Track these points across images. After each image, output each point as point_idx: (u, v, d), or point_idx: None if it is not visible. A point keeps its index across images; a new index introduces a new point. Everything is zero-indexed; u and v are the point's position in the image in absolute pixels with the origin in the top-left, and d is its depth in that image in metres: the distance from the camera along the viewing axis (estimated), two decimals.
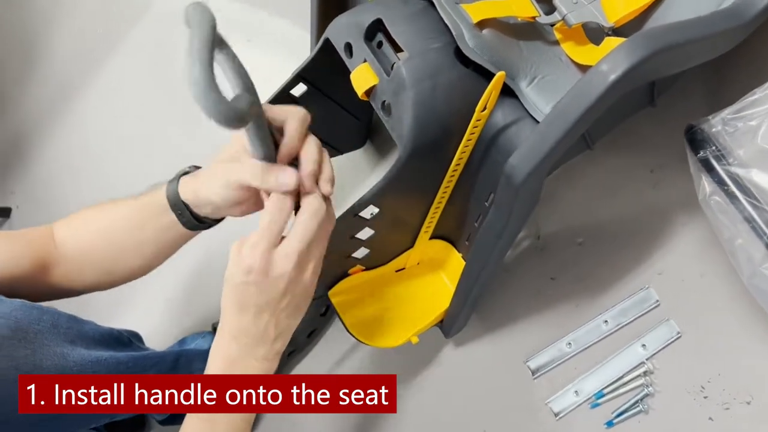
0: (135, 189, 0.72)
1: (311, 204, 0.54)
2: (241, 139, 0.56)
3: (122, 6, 1.33)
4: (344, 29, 0.66)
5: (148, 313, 1.09)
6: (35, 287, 0.67)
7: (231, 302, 0.54)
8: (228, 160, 0.58)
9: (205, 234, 1.07)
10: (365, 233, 0.71)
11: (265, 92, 0.76)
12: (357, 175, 0.97)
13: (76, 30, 1.45)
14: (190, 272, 1.10)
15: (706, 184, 0.59)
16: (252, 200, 0.59)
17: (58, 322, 0.66)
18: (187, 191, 0.62)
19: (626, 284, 0.73)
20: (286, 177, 0.52)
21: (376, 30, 0.64)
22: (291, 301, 0.55)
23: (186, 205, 0.62)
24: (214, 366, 0.56)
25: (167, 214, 0.63)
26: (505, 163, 0.53)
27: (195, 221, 0.63)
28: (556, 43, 0.69)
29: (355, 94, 0.65)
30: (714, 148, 0.57)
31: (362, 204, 0.66)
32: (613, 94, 0.46)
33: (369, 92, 0.65)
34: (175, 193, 0.62)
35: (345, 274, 0.78)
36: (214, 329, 0.58)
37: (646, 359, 0.73)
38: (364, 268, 0.78)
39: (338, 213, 0.63)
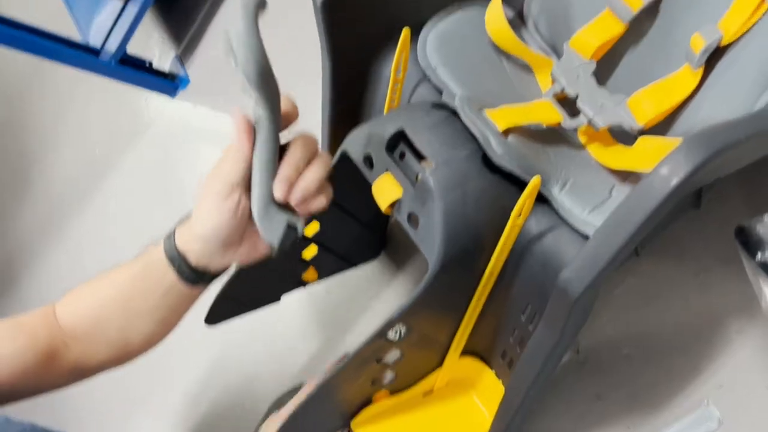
0: None
1: None
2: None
3: (121, 128, 1.33)
4: (363, 141, 0.64)
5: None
6: (43, 380, 0.61)
7: None
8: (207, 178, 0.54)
9: (204, 348, 1.01)
10: (392, 356, 0.66)
11: None
12: (371, 288, 0.92)
13: (73, 153, 1.45)
14: (191, 388, 1.03)
15: (767, 290, 0.54)
16: (248, 237, 0.55)
17: None
18: (181, 237, 0.57)
19: (683, 400, 0.67)
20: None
21: (398, 141, 0.62)
22: None
23: (183, 257, 0.57)
24: None
25: (168, 273, 0.57)
26: (555, 275, 0.48)
27: (193, 274, 0.57)
28: (583, 146, 0.67)
29: (370, 205, 0.62)
30: None
31: (391, 323, 0.61)
32: (674, 198, 0.43)
33: (392, 205, 0.61)
34: (172, 245, 0.57)
35: (368, 401, 0.72)
36: None
37: None
38: (388, 392, 0.72)
39: (356, 330, 0.59)
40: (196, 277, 0.58)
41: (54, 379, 0.62)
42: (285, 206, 0.53)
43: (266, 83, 0.49)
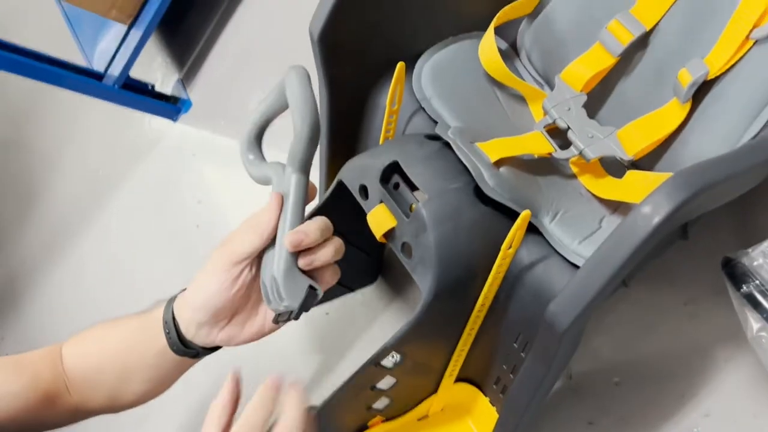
0: None
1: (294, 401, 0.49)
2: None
3: (123, 150, 1.35)
4: (359, 172, 0.65)
5: None
6: (44, 419, 0.62)
7: None
8: (217, 249, 0.55)
9: (201, 380, 1.02)
10: (386, 382, 0.67)
11: None
12: (368, 313, 0.93)
13: (76, 172, 1.46)
14: (187, 420, 1.03)
15: (753, 321, 0.55)
16: (238, 316, 0.56)
17: None
18: (178, 303, 0.58)
19: (671, 428, 0.67)
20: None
21: (392, 172, 0.63)
22: None
23: (176, 325, 0.57)
24: None
25: (161, 335, 0.58)
26: (543, 307, 0.49)
27: (180, 343, 0.58)
28: (574, 176, 0.68)
29: (367, 232, 0.63)
30: (758, 282, 0.55)
31: (385, 351, 0.62)
32: (656, 236, 0.44)
33: (387, 234, 0.62)
34: (169, 310, 0.58)
35: (364, 428, 0.73)
36: None
37: None
38: (383, 419, 0.73)
39: (352, 356, 0.60)
40: (182, 346, 0.58)
41: (53, 419, 0.63)
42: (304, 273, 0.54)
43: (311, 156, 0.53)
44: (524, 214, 0.58)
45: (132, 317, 0.62)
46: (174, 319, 0.58)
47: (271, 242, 0.54)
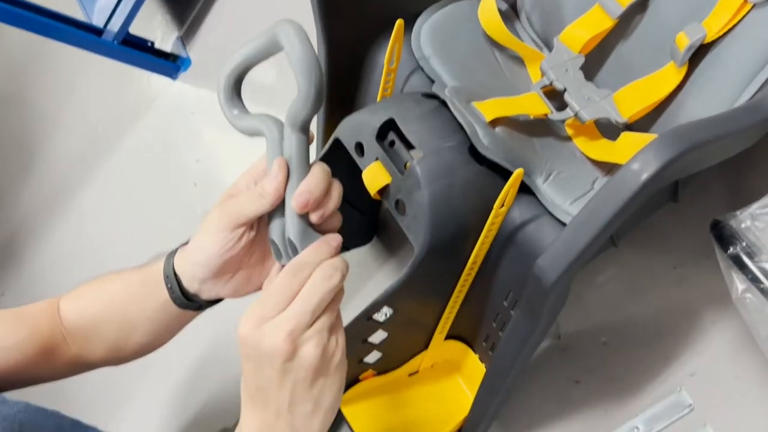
0: None
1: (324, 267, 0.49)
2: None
3: (123, 107, 1.34)
4: (355, 129, 0.65)
5: (147, 419, 1.04)
6: (42, 371, 0.63)
7: (242, 385, 0.49)
8: (216, 207, 0.55)
9: (204, 335, 1.04)
10: (378, 336, 0.68)
11: None
12: (363, 272, 0.94)
13: (76, 129, 1.46)
14: (188, 375, 1.05)
15: (738, 282, 0.56)
16: (242, 271, 0.56)
17: (62, 425, 0.61)
18: (179, 258, 0.58)
19: (657, 387, 0.69)
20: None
21: (388, 129, 0.63)
22: (308, 392, 0.47)
23: (177, 279, 0.58)
24: None
25: (163, 289, 0.58)
26: (533, 263, 0.50)
27: (183, 297, 0.58)
28: (569, 138, 0.69)
29: (363, 191, 0.64)
30: (744, 244, 0.55)
31: (376, 305, 0.63)
32: (644, 193, 0.44)
33: (381, 191, 0.63)
34: (170, 264, 0.58)
35: (355, 380, 0.74)
36: None
37: None
38: (375, 372, 0.74)
39: (346, 314, 0.61)
40: (186, 300, 0.58)
41: (52, 371, 0.64)
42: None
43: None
44: (517, 172, 0.58)
45: (131, 271, 0.62)
46: (175, 273, 0.58)
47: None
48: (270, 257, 0.58)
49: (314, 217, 0.52)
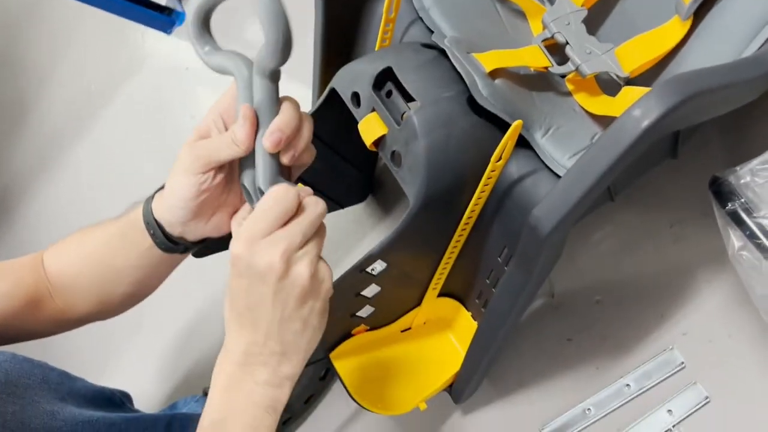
0: None
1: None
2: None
3: (117, 64, 1.32)
4: (352, 78, 0.64)
5: (137, 373, 1.04)
6: (26, 326, 0.62)
7: (227, 308, 0.51)
8: (187, 147, 0.54)
9: (195, 292, 1.03)
10: (371, 290, 0.68)
11: None
12: (358, 230, 0.94)
13: (68, 87, 1.44)
14: (180, 331, 1.05)
15: (735, 239, 0.56)
16: (222, 208, 0.56)
17: (49, 377, 0.62)
18: (157, 203, 0.57)
19: (649, 345, 0.69)
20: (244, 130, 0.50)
21: (385, 79, 0.62)
22: (297, 310, 0.49)
23: (158, 224, 0.57)
24: (214, 388, 0.51)
25: (144, 236, 0.58)
26: (528, 215, 0.50)
27: (168, 242, 0.58)
28: (569, 94, 0.68)
29: (359, 146, 0.63)
30: (742, 200, 0.55)
31: (370, 259, 0.62)
32: (645, 141, 0.44)
33: (377, 143, 0.62)
34: (148, 210, 0.57)
35: (348, 335, 0.74)
36: (205, 393, 0.53)
37: (673, 426, 0.68)
38: (368, 328, 0.74)
39: (340, 270, 0.60)
40: (170, 244, 0.58)
41: (36, 326, 0.63)
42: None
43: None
44: (516, 124, 0.57)
45: (111, 222, 0.61)
46: (155, 219, 0.57)
47: None
48: None
49: (285, 159, 0.52)
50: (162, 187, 0.58)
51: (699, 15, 0.61)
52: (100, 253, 0.61)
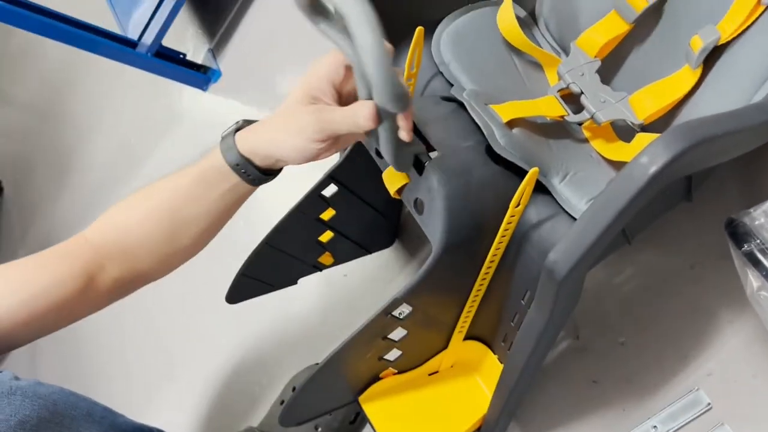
0: (164, 289, 0.72)
1: None
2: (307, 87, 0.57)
3: (155, 119, 1.39)
4: (375, 131, 0.67)
5: (177, 412, 1.07)
6: (83, 305, 0.64)
7: None
8: (309, 113, 0.56)
9: (228, 338, 1.06)
10: (398, 334, 0.69)
11: (295, 192, 0.77)
12: (386, 275, 0.96)
13: (110, 139, 1.51)
14: (219, 374, 1.08)
15: (753, 279, 0.57)
16: (328, 147, 0.58)
17: (93, 410, 0.64)
18: (247, 149, 0.60)
19: (675, 386, 0.69)
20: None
21: None
22: None
23: (250, 162, 0.60)
24: None
25: (229, 178, 0.61)
26: (546, 259, 0.52)
27: (263, 175, 0.61)
28: (586, 140, 0.70)
29: (385, 193, 0.66)
30: (758, 241, 0.56)
31: (396, 303, 0.64)
32: (653, 186, 0.46)
33: (400, 191, 0.65)
34: (237, 155, 0.60)
35: (376, 378, 0.76)
36: None
37: None
38: (396, 371, 0.76)
39: (369, 314, 0.63)
40: (263, 176, 0.62)
41: (93, 302, 0.64)
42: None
43: None
44: (532, 172, 0.60)
45: (175, 176, 0.63)
46: (246, 159, 0.60)
47: None
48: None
49: (406, 136, 0.56)
50: (239, 128, 0.61)
51: (708, 63, 0.63)
52: (170, 205, 0.63)
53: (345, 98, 0.60)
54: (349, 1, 0.47)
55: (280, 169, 0.63)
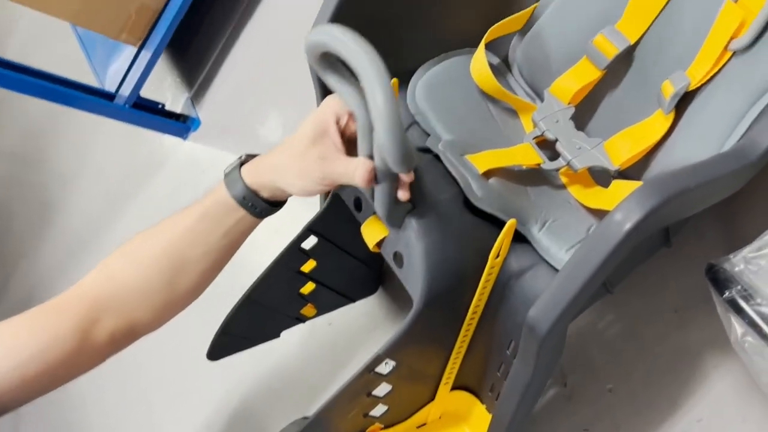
0: (145, 348, 0.70)
1: None
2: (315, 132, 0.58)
3: (136, 167, 1.38)
4: (353, 185, 0.67)
5: None
6: (77, 363, 0.61)
7: None
8: (314, 158, 0.58)
9: (204, 394, 1.04)
10: (382, 389, 0.68)
11: (275, 246, 0.76)
12: (370, 323, 0.95)
13: (91, 188, 1.50)
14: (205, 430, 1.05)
15: (737, 326, 0.56)
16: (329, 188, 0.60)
17: None
18: (254, 182, 0.60)
19: None
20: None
21: None
22: None
23: (257, 194, 0.60)
24: None
25: (234, 212, 0.61)
26: (527, 315, 0.51)
27: (269, 206, 0.62)
28: (563, 186, 0.70)
29: (363, 242, 0.65)
30: (739, 287, 0.56)
31: (378, 359, 0.63)
32: (628, 242, 0.45)
33: (380, 244, 0.64)
34: (243, 189, 0.60)
35: None
36: None
37: None
38: (382, 426, 0.74)
39: (356, 361, 0.61)
40: (269, 208, 0.62)
41: (89, 360, 0.62)
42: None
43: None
44: (510, 223, 0.60)
45: (179, 216, 0.62)
46: (253, 192, 0.60)
47: None
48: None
49: (403, 196, 0.58)
50: (244, 162, 0.61)
51: (681, 108, 0.64)
52: (172, 247, 0.62)
53: (348, 139, 0.60)
54: (365, 61, 0.47)
55: (286, 200, 0.63)
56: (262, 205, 0.61)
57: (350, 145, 0.59)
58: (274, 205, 0.62)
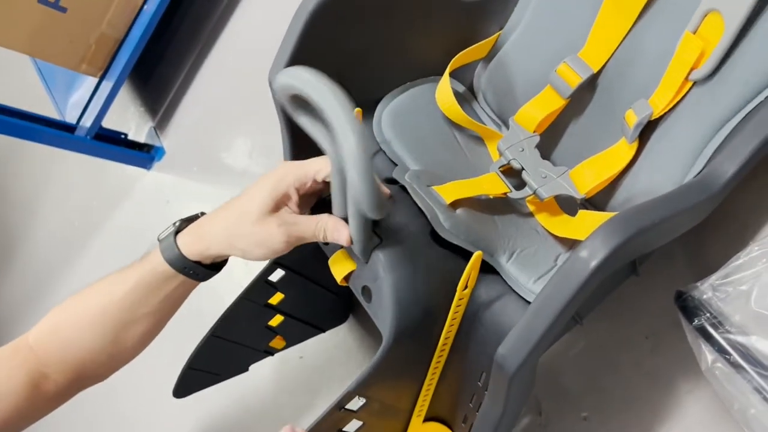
0: (113, 385, 0.68)
1: None
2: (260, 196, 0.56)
3: (99, 198, 1.36)
4: None
5: None
6: (28, 413, 0.61)
7: None
8: (274, 225, 0.56)
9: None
10: (353, 425, 0.67)
11: (242, 280, 0.75)
12: (341, 354, 0.94)
13: (54, 218, 1.47)
14: None
15: (707, 353, 0.56)
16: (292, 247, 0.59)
17: None
18: (195, 253, 0.58)
19: None
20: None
21: None
22: None
23: (198, 263, 0.59)
24: None
25: (172, 280, 0.59)
26: (496, 352, 0.50)
27: (209, 271, 0.60)
28: (531, 214, 0.70)
29: (331, 273, 0.64)
30: (708, 315, 0.56)
31: (348, 396, 0.62)
32: (595, 279, 0.45)
33: (347, 277, 0.63)
34: (180, 258, 0.58)
35: None
36: None
37: None
38: None
39: (331, 393, 0.59)
40: (211, 272, 0.61)
41: (41, 408, 0.62)
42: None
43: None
44: (476, 255, 0.59)
45: (115, 281, 0.61)
46: (192, 262, 0.58)
47: None
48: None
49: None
50: (179, 229, 0.59)
51: (645, 136, 0.64)
52: (110, 312, 0.60)
53: (303, 199, 0.59)
54: (334, 107, 0.47)
55: (227, 260, 0.62)
56: (204, 272, 0.60)
57: (306, 200, 0.59)
58: (217, 268, 0.61)
